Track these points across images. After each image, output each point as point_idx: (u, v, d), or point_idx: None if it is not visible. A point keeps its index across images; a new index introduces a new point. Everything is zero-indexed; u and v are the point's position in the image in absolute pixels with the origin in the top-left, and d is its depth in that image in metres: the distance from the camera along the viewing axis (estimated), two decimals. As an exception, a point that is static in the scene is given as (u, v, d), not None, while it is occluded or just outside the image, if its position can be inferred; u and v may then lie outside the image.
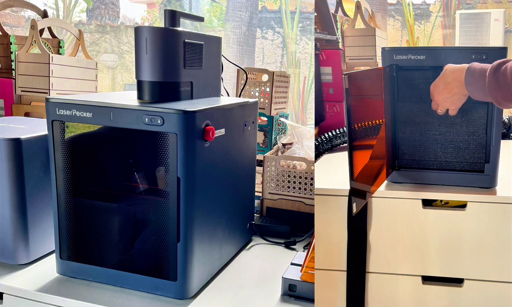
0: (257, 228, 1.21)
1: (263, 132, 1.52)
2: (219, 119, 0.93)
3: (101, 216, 0.97)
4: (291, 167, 1.28)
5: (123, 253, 0.96)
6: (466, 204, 0.92)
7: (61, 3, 6.35)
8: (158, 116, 0.83)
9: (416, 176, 0.99)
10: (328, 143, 1.24)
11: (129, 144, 0.97)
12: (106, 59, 6.12)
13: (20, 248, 1.00)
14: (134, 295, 0.91)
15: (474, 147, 0.96)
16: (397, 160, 1.00)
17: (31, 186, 0.99)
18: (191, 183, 0.86)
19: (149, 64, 0.92)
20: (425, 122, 0.97)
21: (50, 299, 0.90)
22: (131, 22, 7.10)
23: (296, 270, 0.96)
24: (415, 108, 0.97)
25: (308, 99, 5.18)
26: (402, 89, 0.97)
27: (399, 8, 5.63)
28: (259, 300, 0.92)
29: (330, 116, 1.45)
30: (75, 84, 1.56)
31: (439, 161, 0.98)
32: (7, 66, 1.59)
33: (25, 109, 1.50)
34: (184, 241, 0.87)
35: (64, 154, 0.93)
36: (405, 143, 0.99)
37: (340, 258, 0.98)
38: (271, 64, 5.75)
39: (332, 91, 1.44)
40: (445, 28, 5.44)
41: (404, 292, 0.97)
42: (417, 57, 0.94)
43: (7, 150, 0.95)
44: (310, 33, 5.54)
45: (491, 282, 0.94)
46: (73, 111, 0.88)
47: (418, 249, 0.95)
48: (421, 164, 0.99)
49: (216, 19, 6.60)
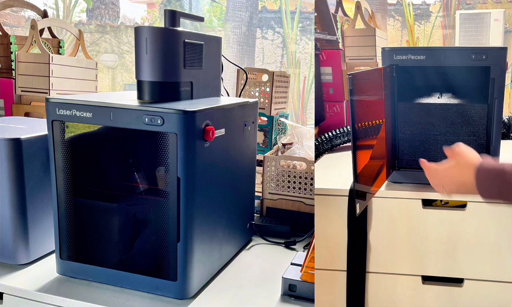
0: (257, 228, 1.21)
1: (263, 132, 1.52)
2: (219, 119, 0.93)
3: (101, 216, 0.97)
4: (291, 167, 1.28)
5: (123, 253, 0.96)
6: (466, 204, 0.92)
7: (61, 3, 6.35)
8: (158, 116, 0.83)
9: (416, 176, 0.99)
10: (328, 143, 1.24)
11: (129, 144, 0.97)
12: (106, 59, 6.12)
13: (20, 248, 1.00)
14: (134, 295, 0.91)
15: (474, 147, 0.95)
16: (397, 160, 1.00)
17: (31, 186, 0.99)
18: (191, 183, 0.86)
19: (149, 64, 0.92)
20: (425, 122, 0.97)
21: (50, 299, 0.90)
22: (131, 22, 7.09)
23: (296, 270, 0.96)
24: (415, 108, 0.97)
25: (308, 99, 5.18)
26: (402, 89, 0.97)
27: (399, 8, 5.62)
28: (259, 300, 0.92)
29: (330, 116, 1.45)
30: (75, 84, 1.56)
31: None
32: (7, 66, 1.59)
33: (25, 109, 1.50)
34: (184, 241, 0.87)
35: (64, 154, 0.93)
36: (405, 143, 0.99)
37: (340, 258, 0.98)
38: (271, 64, 5.75)
39: (332, 91, 1.44)
40: (445, 28, 5.44)
41: (404, 292, 0.97)
42: (417, 57, 0.94)
43: (7, 150, 0.95)
44: (310, 33, 5.54)
45: (491, 282, 0.94)
46: (73, 111, 0.88)
47: (418, 249, 0.95)
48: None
49: (216, 19, 6.60)
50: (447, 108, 0.95)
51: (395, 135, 0.99)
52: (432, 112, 0.95)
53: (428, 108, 0.95)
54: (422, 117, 0.97)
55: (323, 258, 0.98)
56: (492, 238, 0.92)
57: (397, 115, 0.98)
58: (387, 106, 0.96)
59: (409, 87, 0.97)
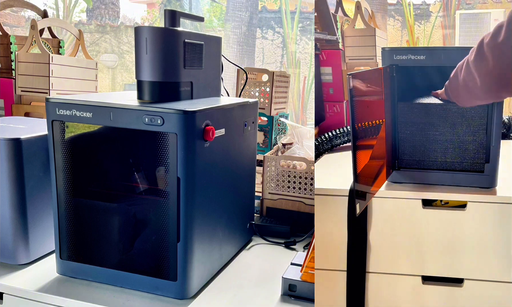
0: (257, 228, 1.21)
1: (263, 132, 1.52)
2: (219, 119, 0.93)
3: (101, 216, 0.97)
4: (291, 167, 1.28)
5: (123, 253, 0.96)
6: (466, 204, 0.92)
7: (61, 3, 6.35)
8: (158, 116, 0.83)
9: (416, 176, 0.99)
10: (328, 143, 1.24)
11: (129, 144, 0.97)
12: (106, 59, 6.12)
13: (20, 248, 1.00)
14: (134, 295, 0.91)
15: (474, 147, 0.96)
16: (397, 160, 1.00)
17: (31, 186, 0.99)
18: (191, 183, 0.86)
19: (149, 64, 0.92)
20: (425, 122, 0.97)
21: (50, 299, 0.90)
22: (131, 22, 7.10)
23: (296, 270, 0.96)
24: (415, 108, 0.97)
25: (308, 99, 5.18)
26: (402, 89, 0.97)
27: (399, 8, 5.62)
28: (259, 300, 0.92)
29: (330, 116, 1.45)
30: (75, 84, 1.56)
31: (439, 161, 0.98)
32: (7, 66, 1.59)
33: (25, 109, 1.50)
34: (184, 241, 0.87)
35: (64, 154, 0.93)
36: (405, 143, 0.99)
37: (340, 258, 0.98)
38: (271, 64, 5.75)
39: (332, 91, 1.44)
40: (445, 28, 5.44)
41: (404, 292, 0.97)
42: (417, 57, 0.94)
43: (7, 150, 0.95)
44: (310, 33, 5.54)
45: (491, 282, 0.94)
46: (73, 111, 0.88)
47: (418, 249, 0.95)
48: (421, 164, 0.99)
49: (216, 19, 6.60)
50: (447, 108, 0.95)
51: (395, 135, 0.99)
52: (432, 112, 0.95)
53: (428, 108, 0.95)
54: (422, 117, 0.97)
55: (323, 258, 0.98)
56: (492, 238, 0.92)
57: (397, 115, 0.98)
58: (387, 106, 0.96)
59: (409, 87, 0.97)
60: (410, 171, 0.99)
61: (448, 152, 0.97)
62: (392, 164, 1.00)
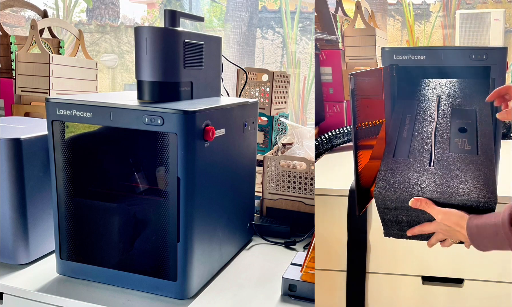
0: (257, 228, 1.21)
1: (263, 132, 1.52)
2: (219, 119, 0.93)
3: (101, 216, 0.97)
4: (291, 167, 1.28)
5: (123, 253, 0.96)
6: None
7: (61, 3, 6.35)
8: (158, 116, 0.83)
9: (416, 176, 0.99)
10: (328, 143, 1.24)
11: (129, 144, 0.97)
12: (106, 59, 6.12)
13: (20, 248, 1.00)
14: (134, 295, 0.91)
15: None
16: (397, 160, 1.00)
17: (31, 186, 0.99)
18: (191, 183, 0.86)
19: (149, 64, 0.92)
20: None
21: (50, 299, 0.90)
22: (131, 22, 7.09)
23: (296, 270, 0.96)
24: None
25: (308, 99, 5.18)
26: (402, 89, 0.97)
27: (399, 8, 5.62)
28: (259, 300, 0.92)
29: (330, 116, 1.45)
30: (75, 84, 1.56)
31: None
32: (7, 66, 1.59)
33: (25, 109, 1.50)
34: (184, 241, 0.87)
35: (64, 154, 0.93)
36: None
37: (340, 258, 0.98)
38: (271, 64, 5.75)
39: (332, 91, 1.44)
40: (445, 28, 5.44)
41: (404, 292, 0.97)
42: (417, 57, 0.94)
43: (7, 150, 0.95)
44: (310, 33, 5.54)
45: (491, 282, 0.94)
46: (73, 111, 0.88)
47: (418, 249, 0.95)
48: (421, 164, 0.99)
49: (216, 19, 6.60)
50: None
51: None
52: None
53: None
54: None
55: (323, 258, 0.98)
56: (492, 238, 0.92)
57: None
58: (387, 106, 0.96)
59: (409, 87, 0.97)
60: (410, 171, 0.99)
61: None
62: (392, 164, 1.00)
